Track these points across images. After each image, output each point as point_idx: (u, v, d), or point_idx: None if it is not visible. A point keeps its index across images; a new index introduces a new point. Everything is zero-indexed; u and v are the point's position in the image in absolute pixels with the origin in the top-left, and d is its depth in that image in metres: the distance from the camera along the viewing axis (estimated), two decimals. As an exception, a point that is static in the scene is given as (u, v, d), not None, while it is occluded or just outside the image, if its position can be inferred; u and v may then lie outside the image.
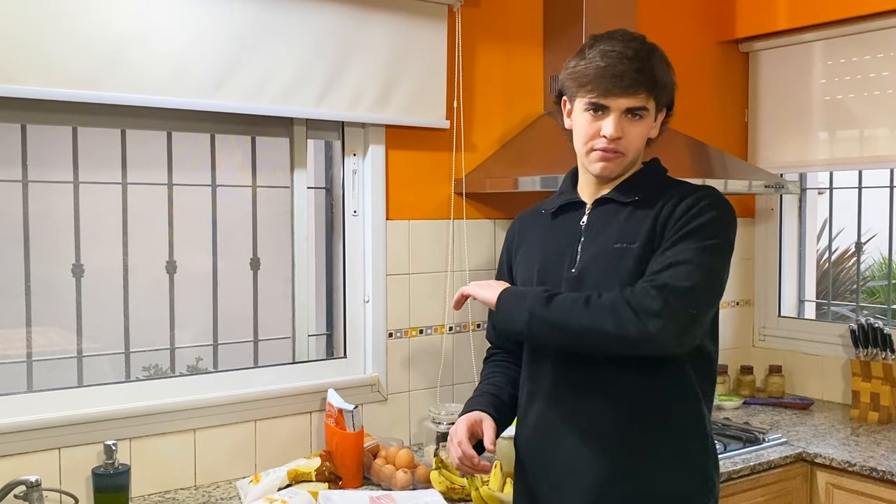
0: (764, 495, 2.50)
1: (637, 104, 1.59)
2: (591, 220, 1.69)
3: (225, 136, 2.42)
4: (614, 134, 1.59)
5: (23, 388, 2.13)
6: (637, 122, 1.61)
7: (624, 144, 1.61)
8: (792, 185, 2.84)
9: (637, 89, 1.57)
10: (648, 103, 1.60)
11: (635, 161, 1.69)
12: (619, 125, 1.59)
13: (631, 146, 1.63)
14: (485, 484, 2.10)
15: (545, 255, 1.73)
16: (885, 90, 3.03)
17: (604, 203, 1.69)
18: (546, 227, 1.77)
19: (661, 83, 1.61)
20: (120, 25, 2.04)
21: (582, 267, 1.65)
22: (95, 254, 2.29)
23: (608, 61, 1.57)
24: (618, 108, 1.59)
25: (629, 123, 1.61)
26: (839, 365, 3.16)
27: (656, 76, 1.60)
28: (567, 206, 1.74)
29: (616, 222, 1.65)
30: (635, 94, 1.58)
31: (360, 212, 2.55)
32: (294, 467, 2.20)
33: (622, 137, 1.60)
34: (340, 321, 2.57)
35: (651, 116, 1.64)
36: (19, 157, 2.14)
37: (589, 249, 1.66)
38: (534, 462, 1.74)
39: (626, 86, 1.57)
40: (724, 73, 3.39)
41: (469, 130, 2.69)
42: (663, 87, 1.63)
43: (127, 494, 2.03)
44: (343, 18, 2.36)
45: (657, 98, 1.62)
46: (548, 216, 1.78)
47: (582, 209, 1.72)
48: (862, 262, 4.35)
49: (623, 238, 1.62)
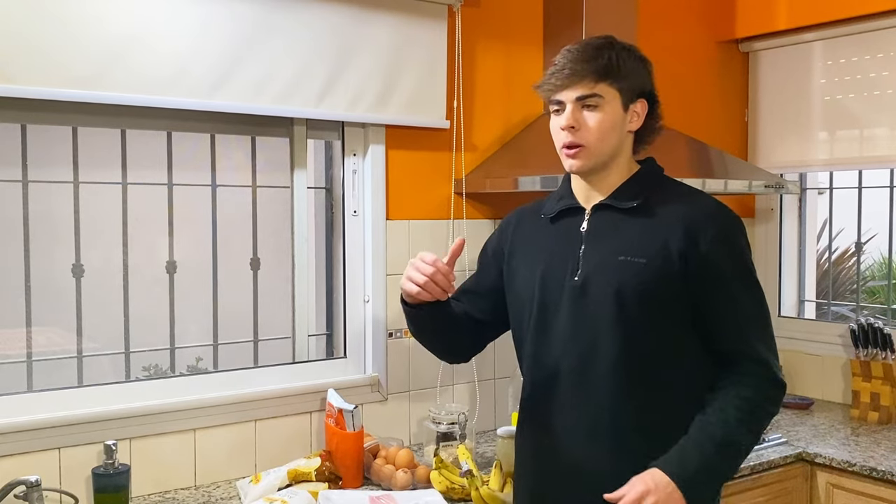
0: (764, 495, 2.50)
1: (585, 92, 1.61)
2: (591, 227, 1.70)
3: (225, 136, 2.42)
4: (566, 123, 1.62)
5: (23, 388, 2.13)
6: (593, 112, 1.62)
7: (583, 135, 1.62)
8: (792, 185, 2.84)
9: (581, 77, 1.61)
10: (598, 89, 1.61)
11: (611, 154, 1.66)
12: (573, 116, 1.62)
13: (591, 136, 1.62)
14: (485, 484, 2.10)
15: (547, 259, 1.72)
16: (885, 90, 3.03)
17: (601, 209, 1.70)
18: (546, 230, 1.77)
19: (614, 69, 1.61)
20: (120, 25, 2.04)
21: (584, 276, 1.66)
22: (95, 254, 2.29)
23: (558, 60, 1.65)
24: (569, 99, 1.62)
25: (585, 113, 1.62)
26: (839, 365, 3.16)
27: (599, 62, 1.61)
28: (566, 210, 1.75)
29: (618, 232, 1.66)
30: (580, 81, 1.61)
31: (360, 212, 2.55)
32: (294, 467, 2.20)
33: (578, 128, 1.62)
34: (340, 321, 2.57)
35: (612, 105, 1.63)
36: (19, 157, 2.14)
37: (590, 257, 1.67)
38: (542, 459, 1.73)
39: (567, 75, 1.61)
40: (724, 73, 3.39)
41: (469, 130, 2.69)
42: (620, 73, 1.62)
43: (127, 494, 2.03)
44: (343, 18, 2.36)
45: (612, 84, 1.62)
46: (547, 220, 1.78)
47: (581, 214, 1.72)
48: (862, 262, 4.36)
49: (627, 251, 1.63)
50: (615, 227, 1.67)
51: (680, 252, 1.60)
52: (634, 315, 1.61)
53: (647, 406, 1.63)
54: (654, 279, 1.60)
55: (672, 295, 1.62)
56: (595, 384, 1.64)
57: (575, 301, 1.66)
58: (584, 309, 1.65)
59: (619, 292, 1.61)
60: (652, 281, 1.60)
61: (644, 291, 1.61)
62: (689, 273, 1.61)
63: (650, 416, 1.63)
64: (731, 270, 1.63)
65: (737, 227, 1.68)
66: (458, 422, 2.39)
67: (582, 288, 1.65)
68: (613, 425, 1.63)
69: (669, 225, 1.63)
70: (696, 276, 1.61)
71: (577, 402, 1.66)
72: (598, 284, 1.64)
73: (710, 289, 1.62)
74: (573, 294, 1.66)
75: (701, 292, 1.62)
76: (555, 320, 1.69)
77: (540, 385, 1.73)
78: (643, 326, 1.62)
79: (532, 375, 1.76)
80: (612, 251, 1.65)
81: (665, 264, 1.61)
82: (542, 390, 1.72)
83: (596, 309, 1.63)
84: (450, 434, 2.37)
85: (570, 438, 1.68)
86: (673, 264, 1.60)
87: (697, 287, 1.62)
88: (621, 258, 1.63)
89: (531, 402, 1.77)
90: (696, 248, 1.61)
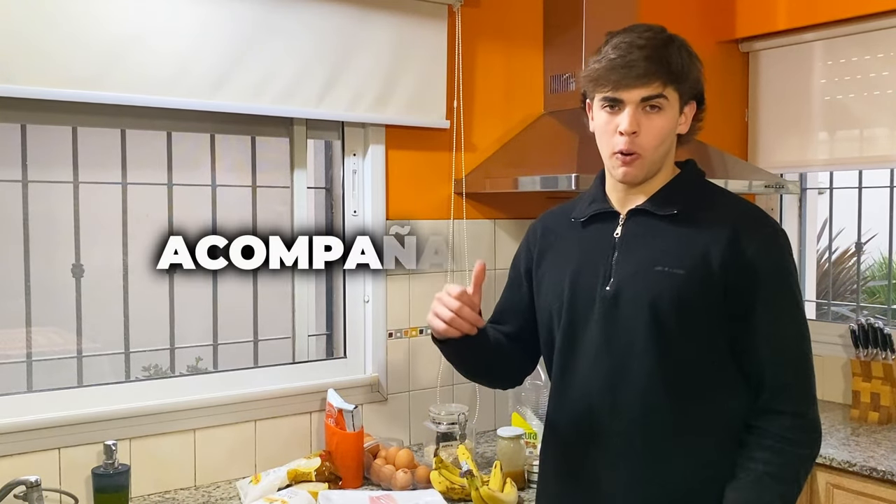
0: (764, 495, 2.50)
1: (651, 93, 1.49)
2: (626, 233, 1.59)
3: (225, 136, 2.42)
4: (629, 128, 1.49)
5: (23, 388, 2.13)
6: (655, 115, 1.51)
7: (641, 142, 1.51)
8: (792, 185, 2.84)
9: (649, 77, 1.48)
10: (665, 91, 1.50)
11: (662, 160, 1.57)
12: (635, 119, 1.50)
13: (649, 143, 1.52)
14: (485, 484, 2.10)
15: (578, 266, 1.62)
16: (885, 90, 3.03)
17: (637, 214, 1.59)
18: (576, 235, 1.66)
19: (677, 70, 1.51)
20: (120, 25, 2.04)
21: (618, 286, 1.55)
22: (95, 254, 2.29)
23: (619, 52, 1.50)
24: (632, 99, 1.50)
25: (646, 116, 1.50)
26: (839, 365, 3.16)
27: (671, 63, 1.50)
28: (598, 215, 1.63)
29: (654, 240, 1.56)
30: (648, 82, 1.48)
31: (360, 212, 2.55)
32: (294, 467, 2.20)
33: (638, 133, 1.50)
34: (340, 321, 2.57)
35: (673, 108, 1.53)
36: (19, 157, 2.14)
37: (624, 266, 1.56)
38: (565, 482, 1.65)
39: (637, 75, 1.48)
40: (724, 73, 3.39)
41: (469, 130, 2.69)
42: (682, 75, 1.52)
43: (127, 494, 2.03)
44: (343, 19, 2.36)
45: (677, 87, 1.52)
46: (577, 224, 1.66)
47: (615, 219, 1.61)
48: (862, 262, 4.36)
49: (665, 261, 1.52)
50: (652, 234, 1.56)
51: (722, 261, 1.50)
52: (670, 328, 1.50)
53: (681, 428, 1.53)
54: (693, 291, 1.49)
55: (711, 308, 1.50)
56: (627, 402, 1.54)
57: (606, 311, 1.56)
58: (616, 320, 1.55)
59: (654, 304, 1.50)
60: (690, 293, 1.49)
61: (681, 304, 1.50)
62: (730, 284, 1.50)
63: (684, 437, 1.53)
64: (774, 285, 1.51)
65: (785, 240, 1.56)
66: (458, 422, 2.39)
67: (614, 298, 1.55)
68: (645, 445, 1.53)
69: (711, 233, 1.52)
70: (735, 287, 1.50)
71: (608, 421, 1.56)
72: (632, 295, 1.53)
73: (748, 302, 1.50)
74: (605, 304, 1.56)
75: (739, 305, 1.50)
76: (584, 331, 1.59)
77: (568, 401, 1.63)
78: (679, 341, 1.51)
79: (560, 389, 1.65)
80: (647, 260, 1.54)
81: (705, 275, 1.50)
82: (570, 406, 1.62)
83: (628, 321, 1.53)
84: (450, 434, 2.37)
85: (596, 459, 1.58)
86: (713, 275, 1.49)
87: (736, 299, 1.50)
88: (658, 268, 1.52)
89: (557, 418, 1.67)
90: (741, 257, 1.50)
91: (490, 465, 2.27)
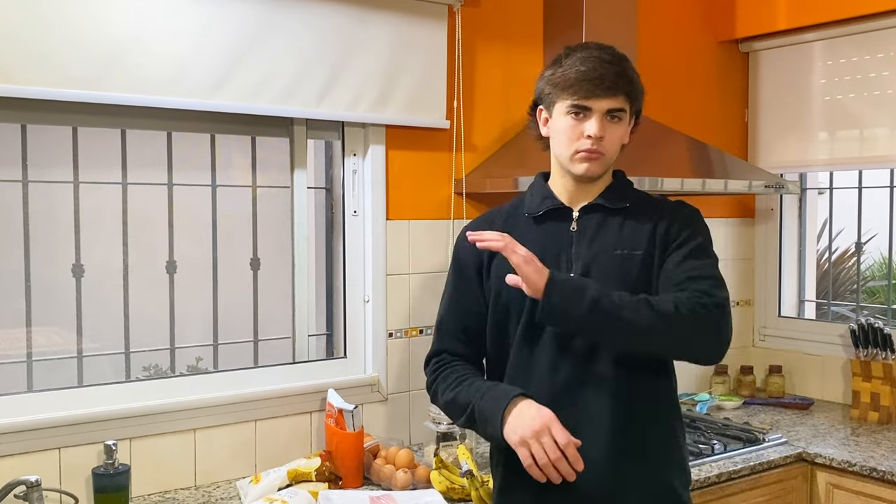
0: (764, 495, 2.50)
1: (617, 105, 1.66)
2: (582, 226, 1.73)
3: (225, 136, 2.42)
4: (598, 133, 1.65)
5: (23, 388, 2.13)
6: (617, 124, 1.68)
7: (605, 145, 1.67)
8: (792, 185, 2.84)
9: (617, 91, 1.65)
10: (626, 105, 1.68)
11: (611, 165, 1.74)
12: (602, 125, 1.65)
13: (611, 147, 1.68)
14: (485, 484, 2.09)
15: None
16: (885, 90, 3.03)
17: (592, 210, 1.73)
18: (530, 230, 1.76)
19: (636, 87, 1.69)
20: (120, 26, 2.04)
21: (582, 270, 1.68)
22: (95, 254, 2.29)
23: (589, 65, 1.65)
24: (600, 109, 1.65)
25: (610, 125, 1.67)
26: (839, 365, 3.16)
27: (632, 81, 1.68)
28: (551, 211, 1.75)
29: (609, 230, 1.71)
30: (615, 95, 1.65)
31: (360, 212, 2.55)
32: (294, 467, 2.20)
33: (604, 138, 1.66)
34: (340, 321, 2.57)
35: (627, 120, 1.71)
36: (19, 157, 2.14)
37: (584, 254, 1.70)
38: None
39: (607, 87, 1.64)
40: (724, 73, 3.39)
41: (469, 130, 2.69)
42: (638, 93, 1.71)
43: (127, 494, 2.03)
44: (343, 18, 2.36)
45: (632, 103, 1.70)
46: (530, 220, 1.77)
47: (568, 215, 1.74)
48: (862, 262, 4.36)
49: (623, 245, 1.69)
50: (605, 225, 1.72)
51: (659, 239, 1.69)
52: None
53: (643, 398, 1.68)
54: (647, 266, 1.68)
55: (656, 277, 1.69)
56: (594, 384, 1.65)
57: None
58: None
59: (623, 280, 1.65)
60: (646, 269, 1.68)
61: (644, 281, 1.67)
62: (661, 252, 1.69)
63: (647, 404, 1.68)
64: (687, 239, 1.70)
65: (698, 217, 1.77)
66: (458, 422, 2.38)
67: None
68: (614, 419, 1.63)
69: (653, 221, 1.71)
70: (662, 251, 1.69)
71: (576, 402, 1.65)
72: (598, 277, 1.65)
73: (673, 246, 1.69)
74: None
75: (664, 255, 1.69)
76: None
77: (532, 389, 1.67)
78: None
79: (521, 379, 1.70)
80: (607, 247, 1.70)
81: (652, 252, 1.69)
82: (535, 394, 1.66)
83: None
84: (450, 434, 2.37)
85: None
86: (655, 249, 1.69)
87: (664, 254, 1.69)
88: (618, 252, 1.69)
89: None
90: (669, 231, 1.70)
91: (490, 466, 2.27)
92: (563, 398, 1.65)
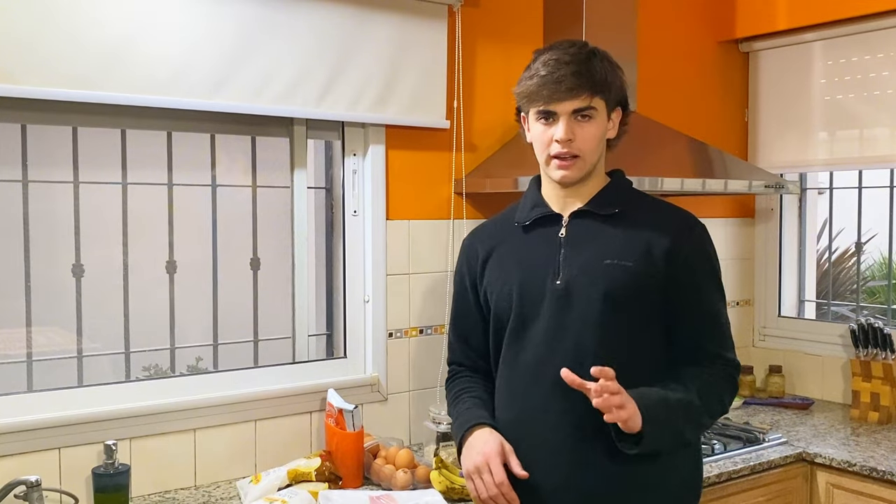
0: (764, 495, 2.50)
1: (581, 105, 1.64)
2: (571, 233, 1.72)
3: (225, 136, 2.42)
4: (564, 136, 1.64)
5: (23, 388, 2.13)
6: (587, 123, 1.65)
7: (577, 146, 1.65)
8: (792, 185, 2.84)
9: (578, 91, 1.63)
10: (594, 102, 1.65)
11: (595, 164, 1.71)
12: (569, 128, 1.64)
13: (585, 147, 1.66)
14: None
15: (525, 266, 1.73)
16: (885, 90, 3.03)
17: (581, 216, 1.73)
18: (519, 240, 1.77)
19: (601, 81, 1.65)
20: (120, 25, 2.04)
21: (568, 279, 1.68)
22: (95, 254, 2.29)
23: (547, 69, 1.64)
24: (564, 111, 1.64)
25: (579, 125, 1.65)
26: (839, 365, 3.17)
27: (595, 75, 1.64)
28: (540, 219, 1.76)
29: (599, 238, 1.70)
30: (577, 95, 1.63)
31: (360, 212, 2.55)
32: (294, 467, 2.20)
33: (573, 140, 1.65)
34: (340, 321, 2.57)
35: (601, 116, 1.68)
36: (19, 157, 2.14)
37: (573, 262, 1.69)
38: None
39: (567, 88, 1.62)
40: (724, 73, 3.39)
41: (469, 130, 2.69)
42: (607, 86, 1.66)
43: (127, 494, 2.03)
44: (343, 18, 2.36)
45: (603, 97, 1.66)
46: (519, 229, 1.78)
47: (557, 221, 1.74)
48: (862, 262, 4.36)
49: (613, 255, 1.67)
50: (595, 232, 1.70)
51: (664, 255, 1.66)
52: (620, 317, 1.65)
53: None
54: (641, 281, 1.65)
55: (654, 296, 1.66)
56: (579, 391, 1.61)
57: (558, 305, 1.67)
58: (567, 312, 1.66)
59: (608, 294, 1.64)
60: (638, 283, 1.65)
61: (633, 293, 1.65)
62: (672, 277, 1.67)
63: None
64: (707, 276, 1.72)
65: (707, 234, 1.76)
66: (458, 422, 2.39)
67: (565, 291, 1.67)
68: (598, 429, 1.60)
69: (651, 231, 1.68)
70: (674, 277, 1.67)
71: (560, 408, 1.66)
72: (584, 287, 1.66)
73: (685, 285, 1.68)
74: (555, 298, 1.67)
75: (674, 290, 1.67)
76: (532, 325, 1.70)
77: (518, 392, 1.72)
78: (626, 327, 1.66)
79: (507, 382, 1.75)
80: (596, 255, 1.68)
81: (649, 267, 1.66)
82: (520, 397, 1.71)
83: (581, 312, 1.65)
84: (450, 434, 2.37)
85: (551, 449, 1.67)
86: (657, 267, 1.66)
87: (673, 286, 1.67)
88: (607, 261, 1.66)
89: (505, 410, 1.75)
90: (679, 253, 1.68)
91: (490, 465, 2.26)
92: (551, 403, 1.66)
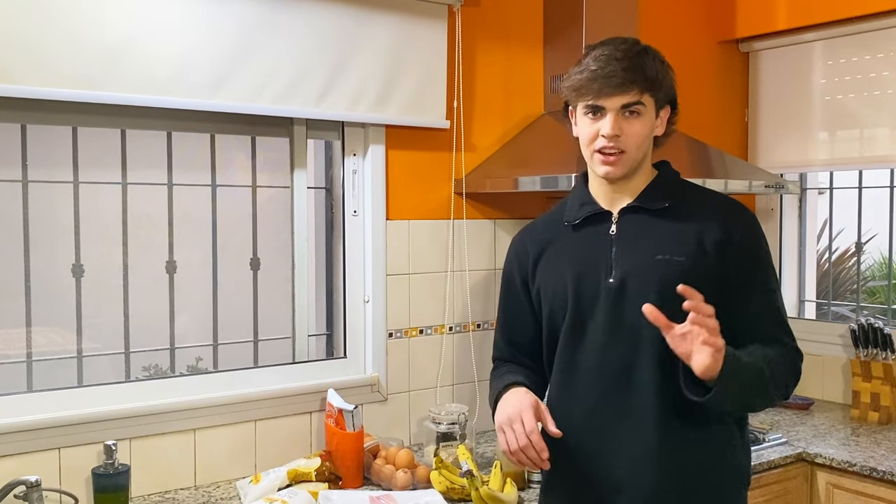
0: (764, 495, 2.50)
1: (630, 100, 1.62)
2: (621, 230, 1.70)
3: (225, 136, 2.42)
4: (611, 132, 1.62)
5: (23, 388, 2.13)
6: (635, 119, 1.64)
7: (624, 142, 1.64)
8: (792, 185, 2.84)
9: (628, 86, 1.61)
10: (643, 98, 1.63)
11: (642, 160, 1.69)
12: (617, 123, 1.63)
13: (631, 143, 1.64)
14: (485, 484, 2.09)
15: (578, 264, 1.71)
16: (885, 90, 3.03)
17: (630, 212, 1.71)
18: (569, 238, 1.76)
19: (652, 79, 1.64)
20: (120, 25, 2.04)
21: (621, 276, 1.66)
22: (95, 254, 2.29)
23: (598, 64, 1.63)
24: (613, 106, 1.62)
25: (626, 121, 1.63)
26: (839, 365, 3.16)
27: (646, 72, 1.63)
28: (590, 217, 1.74)
29: (650, 233, 1.68)
30: (626, 90, 1.61)
31: (360, 212, 2.55)
32: (294, 467, 2.20)
33: (620, 135, 1.63)
34: (340, 321, 2.57)
35: (650, 113, 1.66)
36: (19, 157, 2.14)
37: (625, 258, 1.67)
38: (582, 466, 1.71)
39: (617, 84, 1.61)
40: (724, 73, 3.39)
41: (469, 130, 2.69)
42: (657, 83, 1.65)
43: (127, 494, 2.03)
44: (343, 18, 2.36)
45: (653, 94, 1.65)
46: (569, 227, 1.77)
47: (607, 219, 1.72)
48: (862, 262, 4.36)
49: (665, 250, 1.65)
50: (646, 228, 1.69)
51: (716, 245, 1.64)
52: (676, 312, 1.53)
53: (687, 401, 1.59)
54: (694, 274, 1.60)
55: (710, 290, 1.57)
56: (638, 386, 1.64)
57: (612, 303, 1.66)
58: (622, 310, 1.65)
59: (662, 290, 1.60)
60: (692, 277, 1.57)
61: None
62: (726, 265, 1.64)
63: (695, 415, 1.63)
64: (762, 259, 1.70)
65: (757, 222, 1.75)
66: (458, 422, 2.39)
67: (619, 289, 1.65)
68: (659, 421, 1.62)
69: (701, 223, 1.67)
70: (732, 266, 1.65)
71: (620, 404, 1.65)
72: (638, 284, 1.64)
73: (746, 277, 1.66)
74: (610, 296, 1.66)
75: (730, 278, 1.65)
76: (590, 324, 1.68)
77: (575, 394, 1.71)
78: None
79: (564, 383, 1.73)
80: (647, 251, 1.66)
81: (703, 260, 1.64)
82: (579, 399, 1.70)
83: (635, 309, 1.59)
84: (450, 434, 2.37)
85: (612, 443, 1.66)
86: (710, 259, 1.64)
87: (728, 275, 1.65)
88: (659, 257, 1.64)
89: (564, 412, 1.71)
90: (731, 240, 1.65)
91: (490, 465, 2.27)
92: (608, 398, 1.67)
